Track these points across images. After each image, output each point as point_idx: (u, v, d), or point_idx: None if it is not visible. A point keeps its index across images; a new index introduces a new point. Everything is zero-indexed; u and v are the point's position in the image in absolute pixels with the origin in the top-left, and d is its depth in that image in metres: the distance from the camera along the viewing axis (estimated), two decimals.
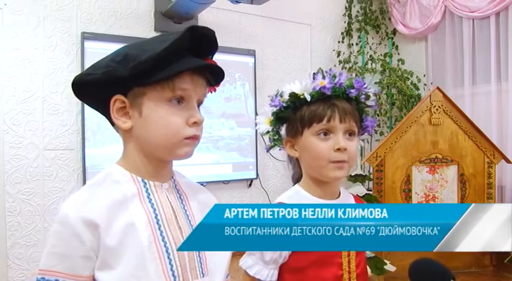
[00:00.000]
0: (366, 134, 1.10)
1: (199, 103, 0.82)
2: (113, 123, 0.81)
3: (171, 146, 0.78)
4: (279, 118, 1.06)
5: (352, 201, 1.12)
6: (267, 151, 1.15)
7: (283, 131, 1.07)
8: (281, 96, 1.04)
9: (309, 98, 0.99)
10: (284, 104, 1.03)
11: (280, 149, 1.12)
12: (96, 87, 0.78)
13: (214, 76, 0.83)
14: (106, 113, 0.81)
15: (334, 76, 1.00)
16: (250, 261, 1.01)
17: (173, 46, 0.74)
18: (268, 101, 1.09)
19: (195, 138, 0.79)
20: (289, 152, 1.06)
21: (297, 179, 1.10)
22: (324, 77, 1.00)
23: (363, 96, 1.02)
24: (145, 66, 0.73)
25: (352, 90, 1.00)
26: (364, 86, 1.02)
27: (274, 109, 1.05)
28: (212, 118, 3.49)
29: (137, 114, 0.78)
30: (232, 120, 3.65)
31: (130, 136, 0.80)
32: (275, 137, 1.09)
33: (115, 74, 0.75)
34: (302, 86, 1.01)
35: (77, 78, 0.80)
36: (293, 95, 1.01)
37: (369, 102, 1.04)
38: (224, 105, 3.60)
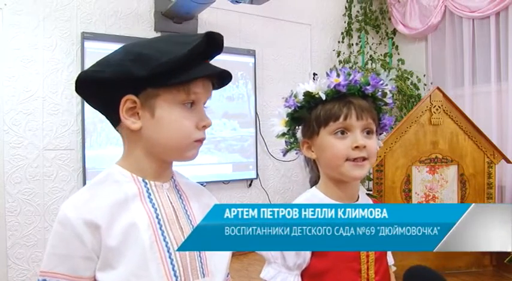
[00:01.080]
0: (384, 133, 1.07)
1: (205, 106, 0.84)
2: (113, 123, 0.81)
3: (181, 149, 0.79)
4: (294, 119, 1.03)
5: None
6: (284, 155, 1.12)
7: (299, 133, 1.05)
8: (295, 97, 1.01)
9: (324, 97, 0.97)
10: (299, 104, 1.01)
11: (296, 153, 1.09)
12: (106, 86, 0.76)
13: (221, 81, 0.85)
14: (108, 112, 0.80)
15: (349, 74, 0.98)
16: (272, 271, 0.97)
17: (194, 51, 0.74)
18: (269, 102, 1.08)
19: (202, 141, 0.81)
20: (306, 153, 1.03)
21: (314, 181, 1.07)
22: (338, 75, 0.98)
23: (380, 93, 0.99)
24: (165, 69, 0.73)
25: (368, 87, 0.98)
26: (381, 82, 0.99)
27: (289, 110, 1.02)
28: (214, 118, 3.49)
29: (149, 115, 0.77)
30: (235, 121, 3.65)
31: (136, 136, 0.79)
32: (291, 140, 1.07)
33: (131, 74, 0.74)
34: (316, 84, 0.98)
35: (83, 75, 0.78)
36: (308, 95, 0.99)
37: (386, 100, 1.01)
38: (226, 105, 3.61)
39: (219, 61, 0.84)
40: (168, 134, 0.77)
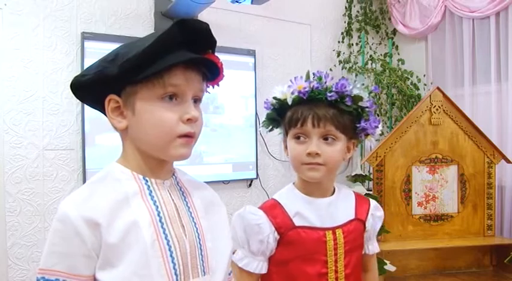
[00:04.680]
0: (374, 134, 1.08)
1: (197, 99, 0.80)
2: (111, 123, 0.81)
3: (164, 145, 0.76)
4: (269, 119, 1.10)
5: (352, 198, 1.11)
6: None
7: None
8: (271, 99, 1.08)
9: (290, 102, 1.02)
10: (271, 107, 1.08)
11: None
12: (91, 88, 0.77)
13: (210, 71, 0.81)
14: (103, 113, 0.81)
15: (320, 78, 1.01)
16: (240, 253, 1.04)
17: (159, 41, 0.73)
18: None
19: (190, 136, 0.77)
20: (284, 151, 1.11)
21: None
22: (307, 80, 1.02)
23: (348, 98, 0.99)
24: (133, 64, 0.72)
25: (330, 94, 0.99)
26: (346, 88, 0.99)
27: (267, 111, 1.10)
28: (213, 118, 3.49)
29: (131, 114, 0.77)
30: (235, 121, 3.65)
31: (127, 135, 0.80)
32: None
33: (105, 74, 0.74)
34: (284, 90, 1.03)
35: (73, 80, 0.79)
36: (277, 99, 1.05)
37: (362, 104, 1.02)
38: (226, 105, 3.60)
39: None
40: (150, 130, 0.75)
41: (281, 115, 1.07)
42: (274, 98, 1.05)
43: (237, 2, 3.14)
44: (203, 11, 3.32)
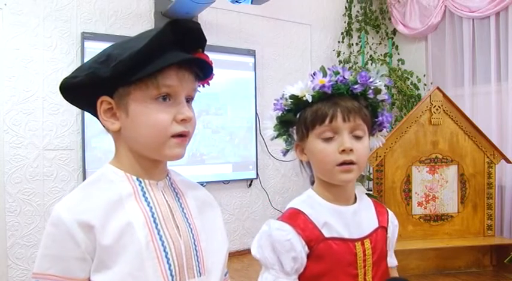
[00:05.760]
0: (384, 130, 1.03)
1: (190, 99, 0.80)
2: (102, 124, 0.80)
3: (158, 146, 0.76)
4: (282, 122, 1.01)
5: (371, 205, 1.05)
6: (284, 155, 1.09)
7: (294, 134, 1.02)
8: (284, 99, 0.99)
9: (310, 99, 0.93)
10: (286, 108, 0.98)
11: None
12: (82, 90, 0.77)
13: (202, 70, 0.81)
14: (96, 115, 0.80)
15: (337, 72, 0.94)
16: (270, 277, 0.94)
17: (153, 42, 0.72)
18: (269, 102, 1.04)
19: (184, 136, 0.77)
20: (299, 156, 1.01)
21: (312, 182, 1.05)
22: (324, 75, 0.94)
23: (371, 91, 0.95)
24: (127, 65, 0.72)
25: (356, 86, 0.93)
26: (370, 80, 0.94)
27: (279, 113, 1.00)
28: (213, 118, 3.49)
29: (124, 115, 0.76)
30: (235, 121, 3.65)
31: (120, 137, 0.79)
32: (289, 140, 1.04)
33: (98, 75, 0.73)
34: (302, 87, 0.95)
35: (63, 82, 0.78)
36: (294, 98, 0.96)
37: (380, 97, 0.97)
38: (226, 105, 3.61)
39: (220, 61, 0.83)
40: (144, 131, 0.75)
41: (295, 115, 0.98)
42: (291, 97, 0.96)
43: (237, 2, 3.14)
44: (203, 11, 3.32)
